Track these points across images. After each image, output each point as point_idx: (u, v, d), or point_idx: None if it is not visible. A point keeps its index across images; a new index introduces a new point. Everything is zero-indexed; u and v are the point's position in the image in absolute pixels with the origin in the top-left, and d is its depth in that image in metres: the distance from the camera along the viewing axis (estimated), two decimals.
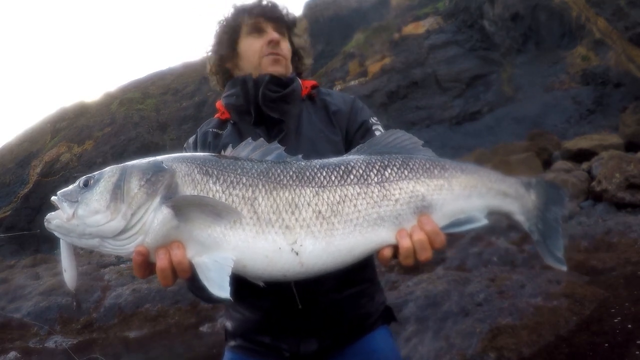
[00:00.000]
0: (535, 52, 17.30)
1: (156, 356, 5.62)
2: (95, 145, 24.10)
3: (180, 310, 6.64)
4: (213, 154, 1.11)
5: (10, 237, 19.97)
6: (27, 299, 7.53)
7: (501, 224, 6.22)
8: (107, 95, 28.02)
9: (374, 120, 1.47)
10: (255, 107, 1.40)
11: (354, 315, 1.41)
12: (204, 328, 5.93)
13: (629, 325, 3.38)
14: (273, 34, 1.44)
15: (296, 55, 1.57)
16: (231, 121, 1.47)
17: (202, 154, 1.12)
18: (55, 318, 6.92)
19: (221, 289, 0.91)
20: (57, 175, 22.75)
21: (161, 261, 0.95)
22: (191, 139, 1.53)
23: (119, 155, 21.41)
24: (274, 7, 1.49)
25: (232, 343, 1.48)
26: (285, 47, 1.48)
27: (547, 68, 16.69)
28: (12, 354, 5.79)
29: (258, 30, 1.45)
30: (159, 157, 1.05)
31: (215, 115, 1.55)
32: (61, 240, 1.02)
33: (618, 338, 3.26)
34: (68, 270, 1.05)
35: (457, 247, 5.89)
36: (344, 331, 1.40)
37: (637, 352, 3.05)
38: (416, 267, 5.67)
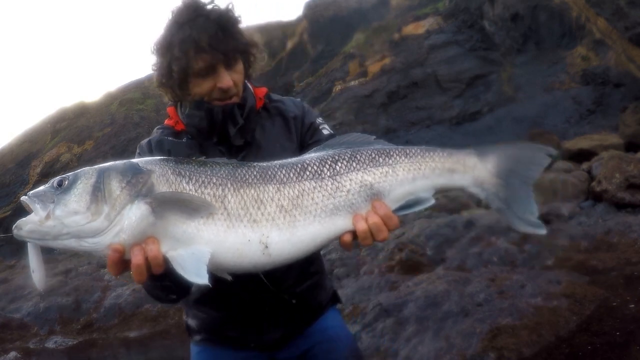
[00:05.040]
0: (535, 52, 17.29)
1: (156, 356, 5.62)
2: (95, 146, 24.10)
3: (180, 310, 6.63)
4: (182, 158, 1.18)
5: (10, 237, 19.95)
6: (27, 299, 7.52)
7: (501, 223, 6.22)
8: (107, 95, 28.00)
9: (320, 120, 1.57)
10: (219, 134, 1.42)
11: (312, 304, 1.58)
12: None
13: (629, 326, 3.38)
14: (225, 80, 1.34)
15: (249, 64, 1.48)
16: (188, 135, 1.47)
17: (172, 157, 1.18)
18: (55, 318, 6.92)
19: (199, 276, 0.97)
20: (57, 176, 22.73)
21: (136, 257, 0.98)
22: (144, 144, 1.50)
23: (119, 155, 21.40)
24: (226, 31, 1.33)
25: (197, 337, 1.57)
26: (238, 77, 1.40)
27: (547, 68, 16.68)
28: (12, 354, 5.79)
29: (206, 72, 1.34)
30: (133, 160, 1.10)
31: (167, 122, 1.52)
32: (29, 242, 1.03)
33: (618, 338, 3.26)
34: (36, 271, 1.06)
35: (457, 247, 5.89)
36: (304, 320, 1.57)
37: (637, 352, 3.05)
38: (416, 267, 5.67)
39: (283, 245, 1.08)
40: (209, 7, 1.34)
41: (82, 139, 24.83)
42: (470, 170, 1.19)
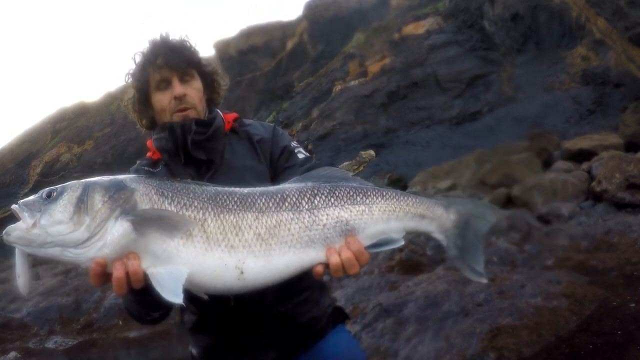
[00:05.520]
0: (535, 52, 17.29)
1: (156, 356, 5.62)
2: (95, 146, 24.10)
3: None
4: (167, 178, 1.25)
5: None
6: (27, 299, 7.52)
7: (501, 224, 6.22)
8: (107, 96, 28.00)
9: (294, 144, 1.60)
10: (183, 151, 1.48)
11: (302, 323, 1.52)
12: None
13: (629, 326, 3.38)
14: (177, 88, 1.47)
15: (209, 87, 1.60)
16: (163, 162, 1.56)
17: (156, 177, 1.24)
18: (55, 318, 6.92)
19: (175, 295, 1.01)
20: (57, 176, 22.75)
21: (117, 271, 1.04)
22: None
23: (119, 155, 21.43)
24: (176, 51, 1.50)
25: None
26: (194, 92, 1.51)
27: (547, 68, 16.68)
28: (12, 354, 5.79)
29: (163, 86, 1.49)
30: (119, 176, 1.15)
31: (148, 154, 1.63)
32: (17, 248, 1.07)
33: (618, 338, 3.26)
34: (22, 276, 1.10)
35: None
36: (296, 339, 1.51)
37: (637, 352, 3.05)
38: (416, 267, 5.67)
39: (258, 271, 1.11)
40: (168, 38, 1.54)
41: (82, 139, 24.84)
42: (437, 218, 1.28)
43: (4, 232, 1.06)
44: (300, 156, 1.56)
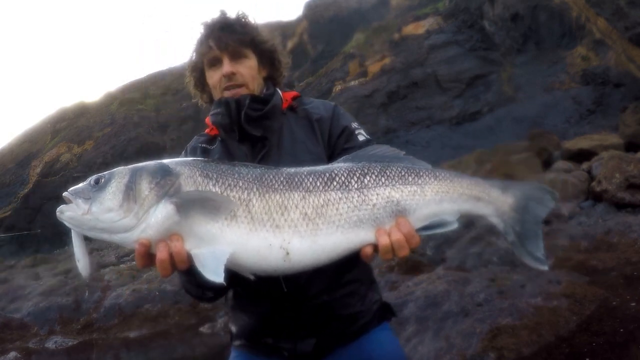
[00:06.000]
0: (535, 52, 17.28)
1: (156, 356, 5.62)
2: (95, 146, 24.09)
3: (180, 310, 6.64)
4: (213, 160, 1.24)
5: (10, 237, 19.97)
6: (27, 299, 7.53)
7: None
8: (107, 96, 28.00)
9: (355, 125, 1.55)
10: (238, 127, 1.47)
11: (346, 315, 1.48)
12: (204, 328, 5.92)
13: (629, 326, 3.38)
14: (226, 67, 1.48)
15: (268, 65, 1.60)
16: (219, 138, 1.56)
17: (202, 159, 1.26)
18: (55, 318, 6.92)
19: (216, 274, 1.00)
20: (57, 176, 22.73)
21: (161, 253, 1.05)
22: (182, 154, 1.61)
23: (119, 155, 21.41)
24: (229, 30, 1.51)
25: (237, 343, 1.58)
26: (245, 70, 1.51)
27: (547, 68, 16.68)
28: (12, 354, 5.79)
29: (214, 63, 1.52)
30: (164, 161, 1.16)
31: (206, 130, 1.63)
32: (72, 231, 1.11)
33: (618, 338, 3.26)
34: (81, 259, 1.12)
35: (457, 247, 5.89)
36: (338, 331, 1.47)
37: (637, 352, 3.05)
38: (416, 267, 5.67)
39: (304, 252, 1.09)
40: (224, 15, 1.56)
41: (82, 139, 24.82)
42: (494, 201, 1.23)
43: (58, 209, 1.09)
44: (361, 138, 1.51)
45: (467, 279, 4.58)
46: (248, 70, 1.51)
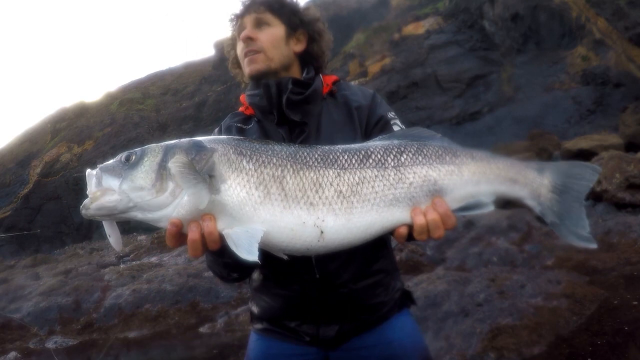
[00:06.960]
0: (535, 52, 17.29)
1: (156, 356, 5.62)
2: (95, 146, 24.10)
3: (180, 310, 6.63)
4: (247, 137, 1.22)
5: (10, 237, 19.98)
6: (27, 299, 7.52)
7: (501, 224, 6.22)
8: (107, 95, 28.04)
9: (391, 114, 1.53)
10: (278, 110, 1.43)
11: (369, 304, 1.47)
12: (204, 328, 5.92)
13: (629, 326, 3.38)
14: (245, 31, 1.44)
15: (303, 37, 1.52)
16: (255, 118, 1.51)
17: (236, 136, 1.24)
18: (55, 318, 6.92)
19: (250, 253, 0.98)
20: (57, 176, 22.75)
21: (192, 233, 1.02)
22: (216, 129, 1.58)
23: None
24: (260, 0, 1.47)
25: (258, 326, 1.57)
26: (266, 37, 1.45)
27: (547, 68, 16.69)
28: (12, 354, 5.79)
29: (240, 32, 1.47)
30: (198, 138, 1.12)
31: (240, 109, 1.59)
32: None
33: (618, 338, 3.26)
34: (112, 235, 1.11)
35: (457, 247, 5.88)
36: (360, 318, 1.47)
37: (637, 352, 3.05)
38: (416, 267, 5.67)
39: (338, 230, 1.07)
40: None
41: (82, 139, 24.83)
42: (530, 183, 1.21)
43: (82, 206, 1.04)
44: (396, 128, 1.49)
45: (467, 279, 4.58)
46: (269, 37, 1.45)
